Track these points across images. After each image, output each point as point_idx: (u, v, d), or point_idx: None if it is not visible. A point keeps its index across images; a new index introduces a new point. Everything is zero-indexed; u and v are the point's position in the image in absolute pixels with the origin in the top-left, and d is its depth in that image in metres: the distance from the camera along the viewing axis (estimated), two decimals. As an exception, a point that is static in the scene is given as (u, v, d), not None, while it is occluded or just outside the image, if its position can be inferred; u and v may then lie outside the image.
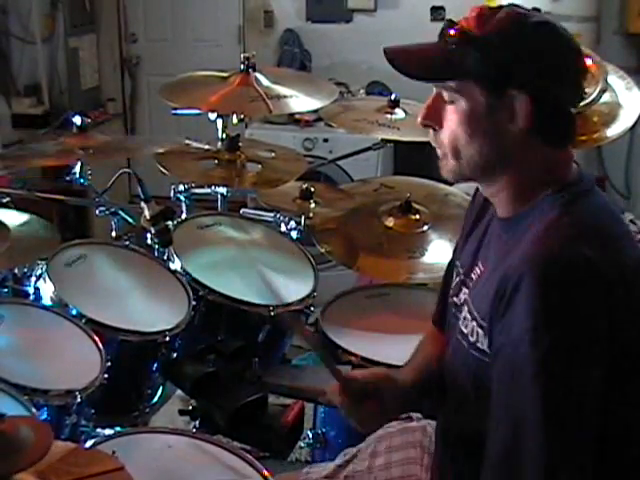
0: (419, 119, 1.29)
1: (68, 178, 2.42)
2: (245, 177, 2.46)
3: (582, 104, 1.43)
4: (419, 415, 1.69)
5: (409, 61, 1.27)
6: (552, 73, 1.21)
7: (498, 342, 1.18)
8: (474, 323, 1.27)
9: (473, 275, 1.35)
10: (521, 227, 1.24)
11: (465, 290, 1.37)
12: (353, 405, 1.44)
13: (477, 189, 1.46)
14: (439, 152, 1.29)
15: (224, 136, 2.57)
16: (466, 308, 1.33)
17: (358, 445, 1.67)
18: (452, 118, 1.24)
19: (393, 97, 2.68)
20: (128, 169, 2.71)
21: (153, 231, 2.10)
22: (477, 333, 1.26)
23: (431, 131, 1.29)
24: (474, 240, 1.41)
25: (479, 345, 1.25)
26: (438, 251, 2.35)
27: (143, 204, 2.10)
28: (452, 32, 1.22)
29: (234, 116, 2.55)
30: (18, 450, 1.23)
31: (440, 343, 1.53)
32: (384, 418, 1.53)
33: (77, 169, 2.37)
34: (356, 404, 1.44)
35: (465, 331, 1.30)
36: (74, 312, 1.95)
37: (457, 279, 1.42)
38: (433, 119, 1.27)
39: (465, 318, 1.32)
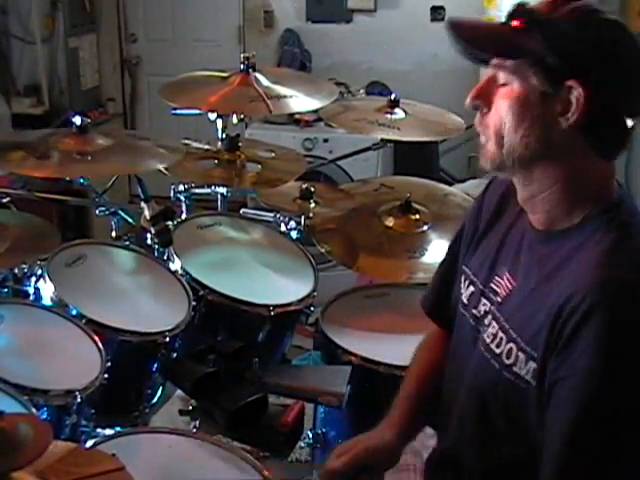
0: (468, 99, 1.24)
1: (68, 178, 2.42)
2: (245, 177, 2.46)
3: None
4: None
5: (475, 34, 1.21)
6: (618, 75, 1.15)
7: (558, 374, 1.13)
8: (512, 345, 1.22)
9: (496, 287, 1.30)
10: (568, 244, 1.19)
11: (486, 302, 1.32)
12: None
13: (484, 192, 1.43)
14: (482, 138, 1.24)
15: (224, 136, 2.56)
16: (495, 324, 1.27)
17: None
18: (502, 101, 1.19)
19: (393, 97, 2.68)
20: (128, 169, 2.71)
21: (153, 231, 2.10)
22: (517, 357, 1.20)
23: (478, 114, 1.24)
24: (488, 247, 1.36)
25: (516, 370, 1.20)
26: (438, 251, 2.35)
27: (143, 204, 2.10)
28: (521, 12, 1.18)
29: (234, 116, 2.55)
30: (17, 447, 1.23)
31: (440, 343, 1.52)
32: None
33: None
34: None
35: (497, 351, 1.25)
36: (74, 312, 1.94)
37: (471, 288, 1.37)
38: (483, 99, 1.22)
39: (495, 335, 1.26)
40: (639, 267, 1.12)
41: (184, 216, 2.47)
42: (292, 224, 2.41)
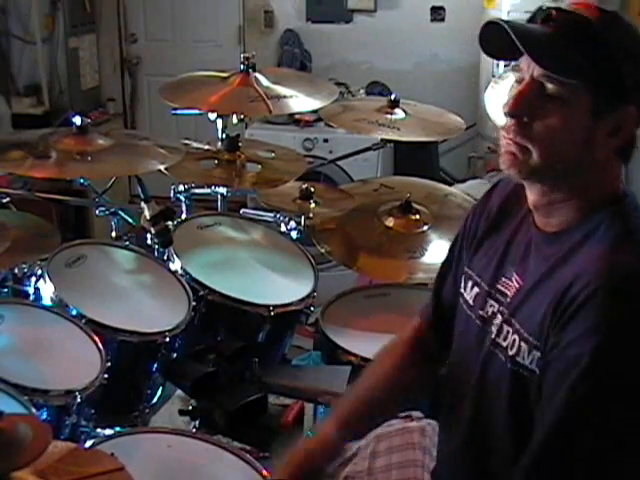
0: (507, 108, 1.17)
1: (68, 178, 2.42)
2: (245, 177, 2.46)
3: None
4: (419, 414, 1.67)
5: (540, 49, 1.13)
6: None
7: (554, 354, 1.14)
8: (515, 336, 1.23)
9: (503, 287, 1.30)
10: (574, 238, 1.19)
11: (494, 303, 1.31)
12: None
13: (486, 194, 1.42)
14: (511, 144, 1.19)
15: (224, 136, 2.57)
16: (500, 317, 1.28)
17: (357, 442, 1.67)
18: (553, 115, 1.14)
19: (393, 97, 2.68)
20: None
21: (153, 231, 2.10)
22: (519, 347, 1.21)
23: (509, 120, 1.18)
24: (491, 249, 1.35)
25: (519, 359, 1.21)
26: (438, 251, 2.35)
27: (143, 204, 2.10)
28: (575, 23, 1.13)
29: (234, 116, 2.55)
30: (16, 448, 1.23)
31: (404, 354, 1.53)
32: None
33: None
34: None
35: (503, 344, 1.25)
36: (74, 312, 1.94)
37: (476, 289, 1.36)
38: (527, 110, 1.16)
39: (500, 327, 1.27)
40: None
41: (184, 216, 2.47)
42: (292, 224, 2.41)
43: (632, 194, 1.23)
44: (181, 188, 2.52)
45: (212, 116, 2.53)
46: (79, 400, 1.76)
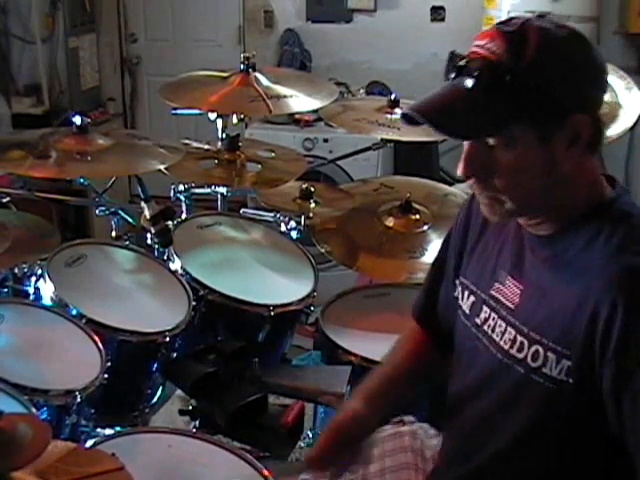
0: (460, 172, 1.18)
1: (68, 178, 2.42)
2: (245, 177, 2.46)
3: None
4: (411, 419, 1.67)
5: (445, 119, 1.13)
6: (595, 83, 1.15)
7: (610, 371, 1.12)
8: (538, 347, 1.20)
9: (498, 293, 1.29)
10: (576, 243, 1.18)
11: (487, 309, 1.31)
12: (333, 470, 1.43)
13: (469, 203, 1.41)
14: (484, 197, 1.20)
15: (224, 136, 2.57)
16: (510, 329, 1.25)
17: None
18: (504, 163, 1.14)
19: (393, 97, 2.68)
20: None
21: (153, 231, 2.10)
22: (546, 358, 1.18)
23: (471, 180, 1.19)
24: (483, 256, 1.35)
25: (545, 371, 1.19)
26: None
27: (143, 204, 2.11)
28: (481, 73, 1.11)
29: (234, 116, 2.55)
30: (16, 448, 1.23)
31: (420, 341, 1.55)
32: (364, 457, 1.48)
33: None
34: (335, 468, 1.43)
35: (519, 356, 1.22)
36: (74, 312, 1.94)
37: (472, 298, 1.35)
38: (479, 171, 1.17)
39: (513, 341, 1.24)
40: None
41: (184, 216, 2.47)
42: (292, 224, 2.41)
43: (624, 192, 1.23)
44: (181, 188, 2.53)
45: (212, 116, 2.53)
46: (79, 400, 1.76)
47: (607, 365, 1.12)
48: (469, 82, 1.12)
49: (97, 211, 2.39)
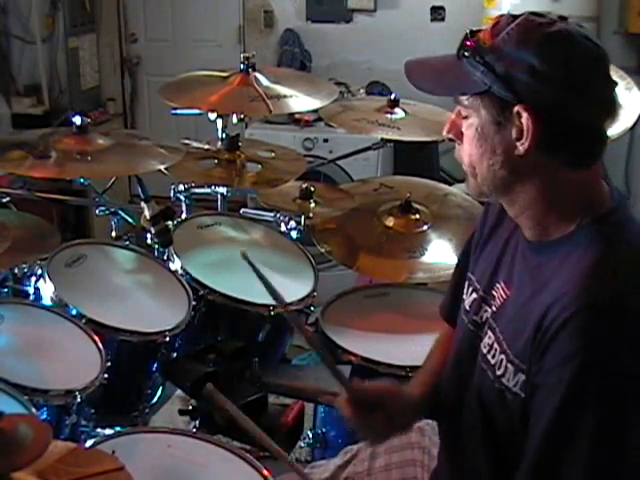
0: (443, 132, 1.27)
1: (68, 178, 2.42)
2: (245, 177, 2.46)
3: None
4: None
5: (423, 75, 1.26)
6: (565, 87, 1.10)
7: (535, 380, 1.14)
8: (503, 357, 1.21)
9: (495, 294, 1.30)
10: (557, 256, 1.17)
11: (487, 308, 1.31)
12: (361, 417, 1.38)
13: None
14: (465, 168, 1.25)
15: (224, 136, 2.57)
16: (490, 334, 1.27)
17: (358, 444, 1.67)
18: (466, 134, 1.21)
19: (393, 97, 2.68)
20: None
21: (153, 231, 2.10)
22: (506, 369, 1.20)
23: (457, 145, 1.26)
24: (489, 254, 1.35)
25: (504, 381, 1.20)
26: (438, 251, 2.35)
27: (143, 204, 2.11)
28: (468, 43, 1.19)
29: (234, 116, 2.55)
30: (16, 448, 1.22)
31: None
32: (392, 431, 1.45)
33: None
34: (364, 416, 1.38)
35: (492, 361, 1.24)
36: (74, 312, 1.95)
37: (475, 295, 1.36)
38: (454, 133, 1.25)
39: (491, 346, 1.25)
40: (618, 289, 1.10)
41: (184, 216, 2.47)
42: (292, 224, 2.41)
43: (625, 207, 1.20)
44: (181, 188, 2.53)
45: (212, 116, 2.53)
46: (79, 400, 1.76)
47: (533, 367, 1.14)
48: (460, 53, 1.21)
49: (97, 211, 2.39)
